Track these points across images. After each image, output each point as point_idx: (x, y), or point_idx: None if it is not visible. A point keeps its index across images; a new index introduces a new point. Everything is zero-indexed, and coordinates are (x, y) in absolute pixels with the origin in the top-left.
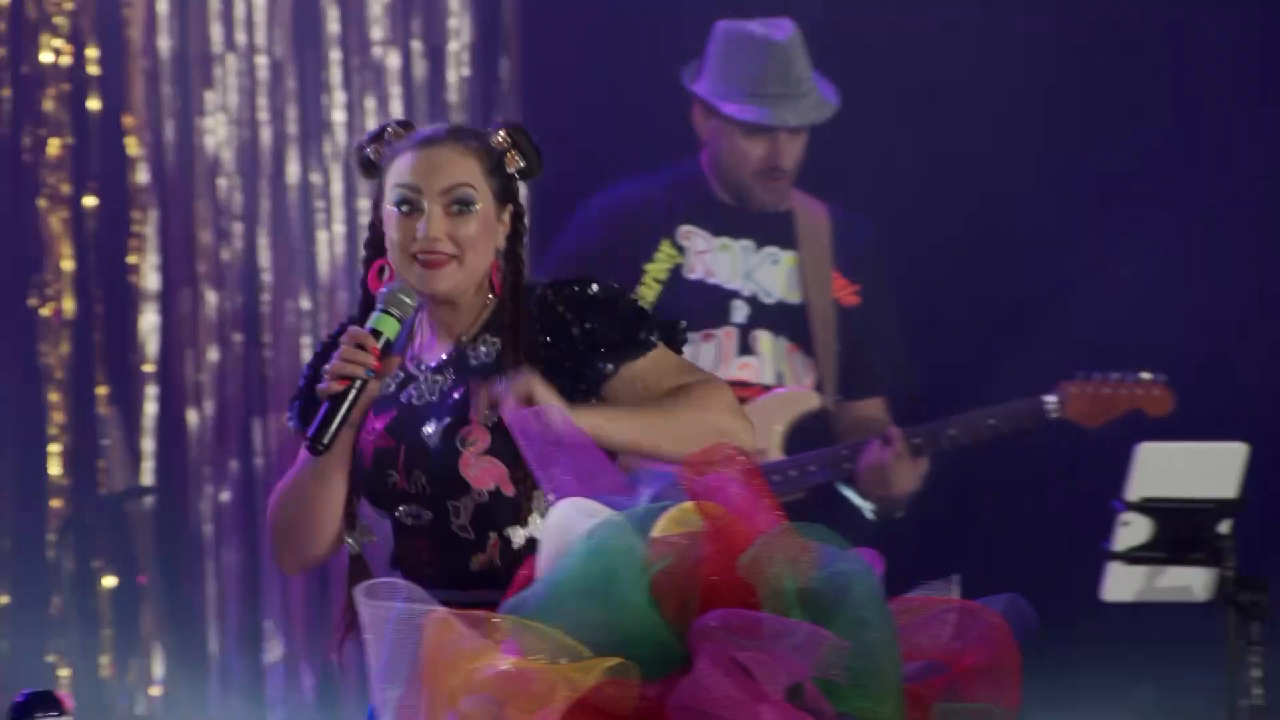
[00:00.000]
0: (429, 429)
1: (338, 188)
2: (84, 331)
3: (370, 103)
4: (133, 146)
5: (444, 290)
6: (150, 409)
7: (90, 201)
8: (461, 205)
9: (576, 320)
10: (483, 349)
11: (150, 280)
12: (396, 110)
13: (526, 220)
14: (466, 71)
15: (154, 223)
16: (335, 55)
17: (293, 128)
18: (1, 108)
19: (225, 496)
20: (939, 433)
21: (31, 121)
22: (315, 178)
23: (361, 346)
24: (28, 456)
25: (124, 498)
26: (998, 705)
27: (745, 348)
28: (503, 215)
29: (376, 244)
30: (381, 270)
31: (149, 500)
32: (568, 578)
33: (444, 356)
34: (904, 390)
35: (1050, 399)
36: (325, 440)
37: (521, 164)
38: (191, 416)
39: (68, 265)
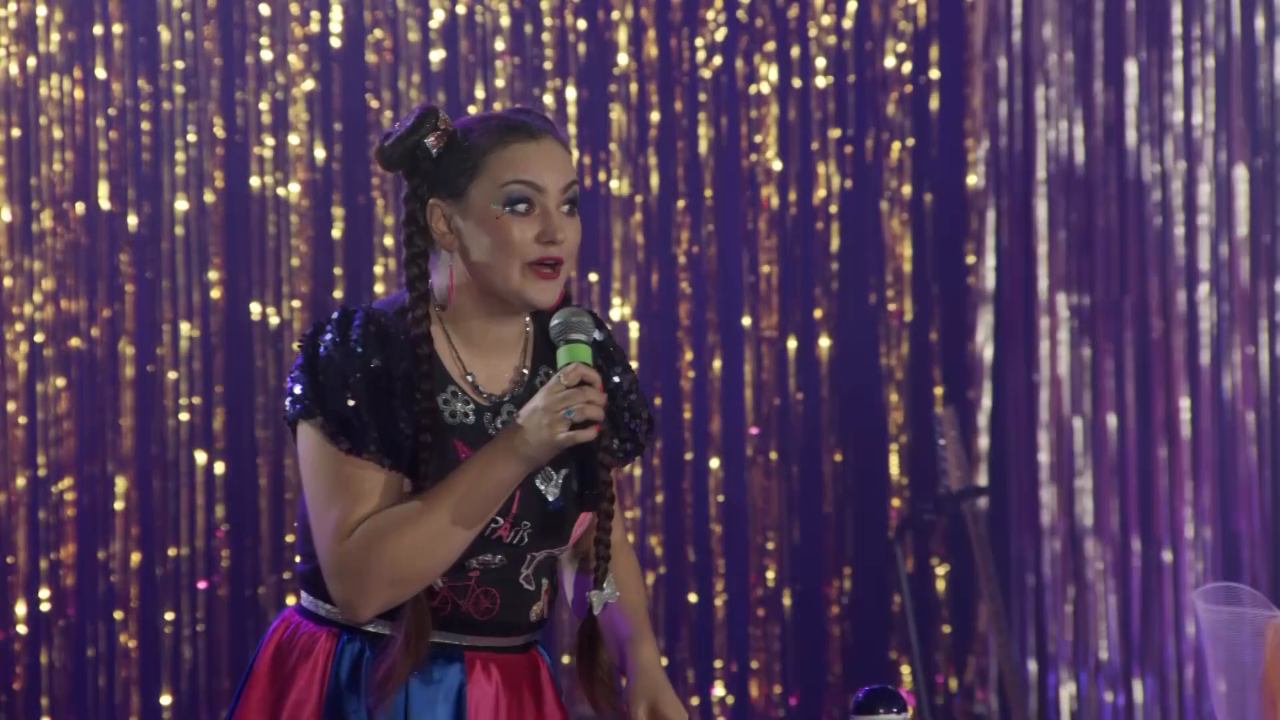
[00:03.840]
0: (546, 481)
1: (1177, 185)
2: (922, 332)
3: (1212, 102)
4: (972, 150)
5: (550, 300)
6: (986, 407)
7: (928, 204)
8: (572, 206)
9: (624, 375)
10: (547, 382)
11: (987, 281)
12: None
13: None
14: None
15: (991, 225)
16: (1175, 51)
17: (1148, 127)
18: (846, 111)
19: (1061, 497)
20: None
21: (874, 124)
22: (1152, 176)
23: (589, 384)
24: (868, 455)
25: (961, 497)
26: None
27: None
28: None
29: (426, 241)
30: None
31: (984, 500)
32: None
33: (515, 387)
34: None
35: None
36: (599, 492)
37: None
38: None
39: (907, 267)
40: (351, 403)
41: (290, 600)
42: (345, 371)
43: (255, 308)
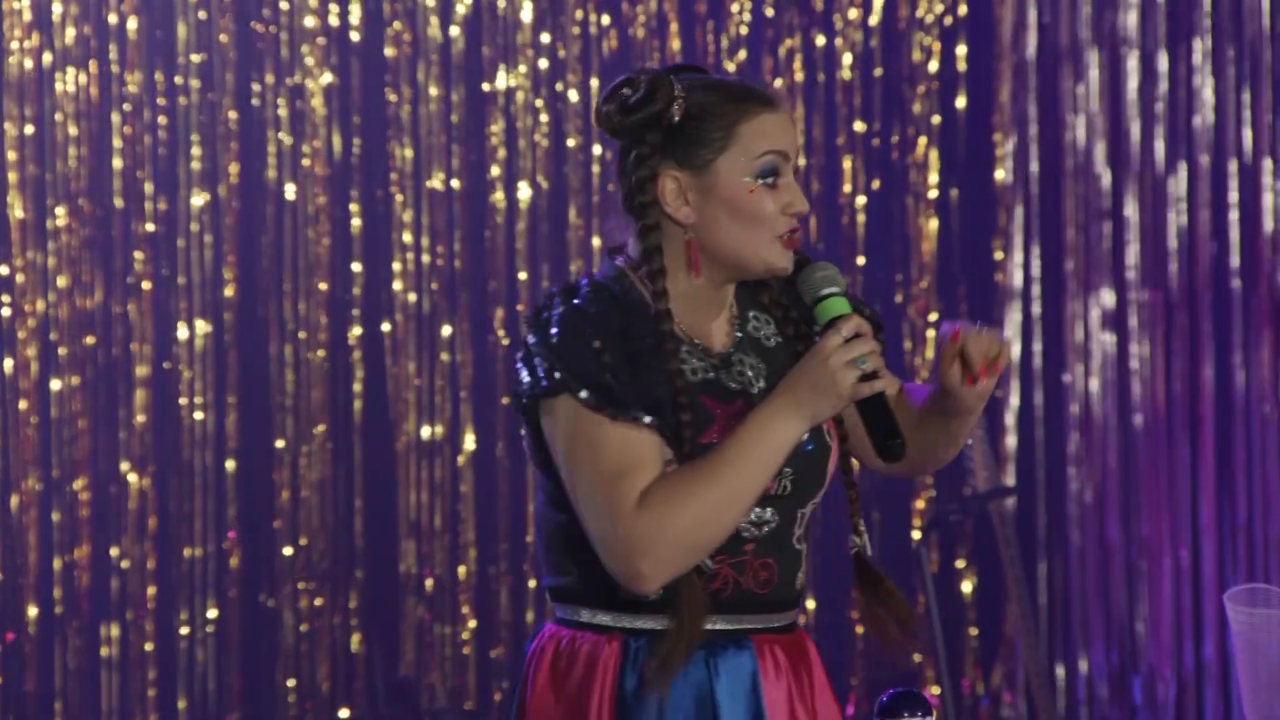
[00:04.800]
0: None
1: (1206, 179)
2: None
3: (1245, 95)
4: (999, 145)
5: (791, 268)
6: (1013, 406)
7: (955, 200)
8: (795, 173)
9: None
10: (761, 324)
11: (1015, 278)
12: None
13: None
14: None
15: (1019, 221)
16: (1205, 45)
17: (1161, 123)
18: (872, 105)
19: (1089, 497)
20: None
21: (901, 119)
22: (1182, 172)
23: (863, 335)
24: None
25: (988, 497)
26: None
27: None
28: None
29: (659, 213)
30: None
31: (1012, 501)
32: None
33: (734, 338)
34: None
35: None
36: (903, 439)
37: None
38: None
39: (933, 263)
40: (609, 368)
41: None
42: (591, 337)
43: (271, 304)
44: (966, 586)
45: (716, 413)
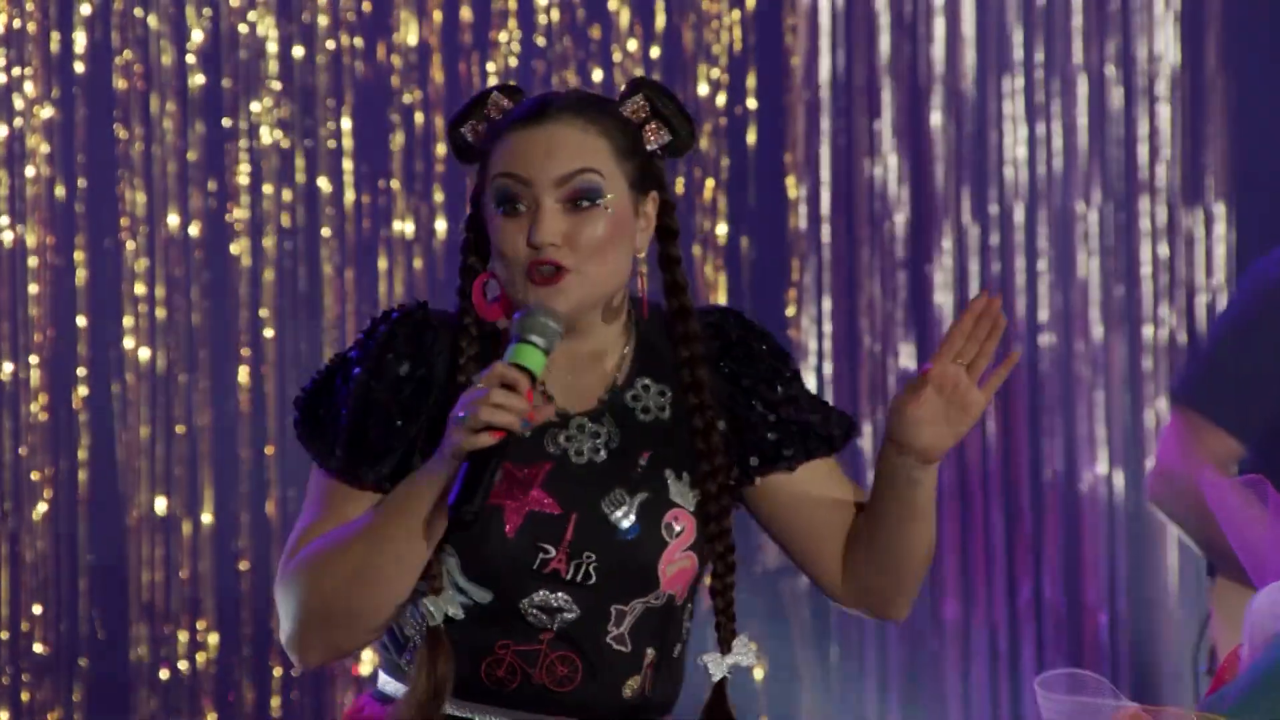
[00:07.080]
0: (616, 506)
1: (1019, 223)
2: None
3: (1056, 138)
4: (792, 187)
5: (564, 312)
6: None
7: (745, 248)
8: (585, 199)
9: (769, 375)
10: (647, 396)
11: (810, 336)
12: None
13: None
14: (1166, 100)
15: (813, 271)
16: (1015, 83)
17: (966, 166)
18: None
19: None
20: None
21: (686, 159)
22: (992, 218)
23: (511, 388)
24: None
25: (778, 576)
26: None
27: None
28: (644, 208)
29: (476, 248)
30: (485, 286)
31: (804, 579)
32: (1273, 669)
33: (595, 402)
34: None
35: None
36: (475, 509)
37: (667, 138)
38: None
39: None
40: (355, 422)
41: None
42: (361, 382)
43: None
44: (758, 674)
45: (516, 473)
